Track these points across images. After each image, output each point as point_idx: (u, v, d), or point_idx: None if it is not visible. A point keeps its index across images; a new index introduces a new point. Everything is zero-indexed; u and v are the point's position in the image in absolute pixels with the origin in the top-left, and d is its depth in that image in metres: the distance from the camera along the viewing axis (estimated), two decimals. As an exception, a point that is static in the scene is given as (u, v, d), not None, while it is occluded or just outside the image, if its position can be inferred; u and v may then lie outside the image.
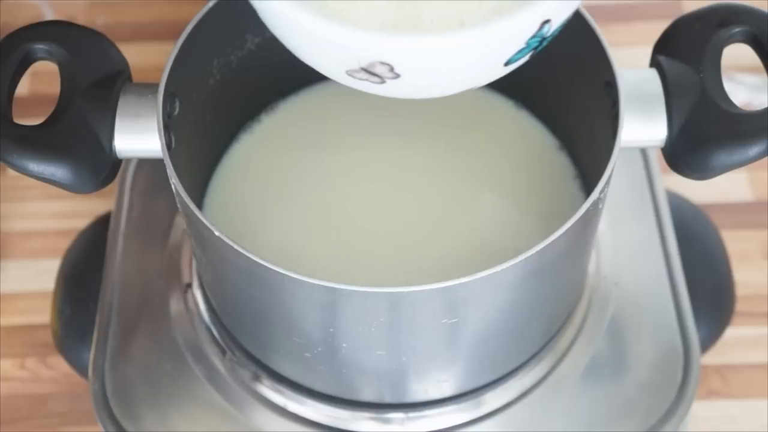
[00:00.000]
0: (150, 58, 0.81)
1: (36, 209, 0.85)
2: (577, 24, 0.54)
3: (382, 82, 0.43)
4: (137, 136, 0.52)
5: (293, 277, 0.47)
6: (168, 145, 0.52)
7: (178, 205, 0.54)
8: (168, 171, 0.51)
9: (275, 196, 0.61)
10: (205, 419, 0.61)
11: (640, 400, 0.61)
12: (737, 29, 0.53)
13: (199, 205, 0.61)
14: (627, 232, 0.67)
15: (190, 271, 0.65)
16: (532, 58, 0.45)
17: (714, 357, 0.74)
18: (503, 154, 0.63)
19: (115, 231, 0.68)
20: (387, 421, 0.59)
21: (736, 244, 0.79)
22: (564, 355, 0.62)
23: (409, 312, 0.49)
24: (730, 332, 0.73)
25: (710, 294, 0.69)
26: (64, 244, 0.73)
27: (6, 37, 0.53)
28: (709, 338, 0.69)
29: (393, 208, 0.61)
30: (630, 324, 0.64)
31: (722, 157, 0.51)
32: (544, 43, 0.44)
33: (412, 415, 0.59)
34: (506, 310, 0.52)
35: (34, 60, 0.53)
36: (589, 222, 0.52)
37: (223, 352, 0.62)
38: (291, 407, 0.60)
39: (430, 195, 0.61)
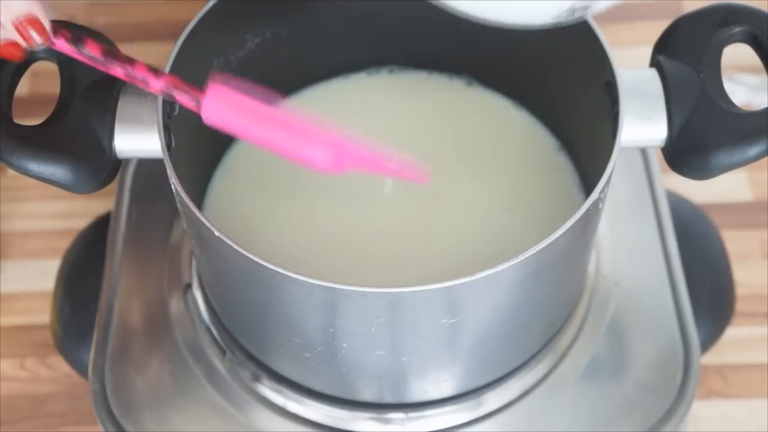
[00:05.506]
0: (150, 58, 0.80)
1: (36, 209, 0.85)
2: (577, 24, 0.54)
3: None
4: (137, 136, 0.52)
5: (293, 277, 0.47)
6: (168, 145, 0.52)
7: (178, 205, 0.54)
8: (168, 171, 0.51)
9: (275, 196, 0.61)
10: (205, 419, 0.61)
11: (640, 400, 0.61)
12: (737, 29, 0.53)
13: (199, 205, 0.61)
14: (627, 232, 0.67)
15: (190, 271, 0.65)
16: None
17: (714, 357, 0.74)
18: (503, 154, 0.63)
19: (115, 231, 0.68)
20: (387, 421, 0.59)
21: (736, 244, 0.79)
22: (564, 355, 0.62)
23: (409, 312, 0.49)
24: (730, 332, 0.73)
25: (710, 294, 0.69)
26: (64, 244, 0.73)
27: (6, 37, 0.53)
28: (709, 338, 0.69)
29: (393, 208, 0.61)
30: (630, 324, 0.63)
31: (722, 157, 0.51)
32: None
33: (412, 415, 0.59)
34: (506, 310, 0.52)
35: (34, 60, 0.53)
36: (589, 222, 0.52)
37: (223, 352, 0.62)
38: (291, 407, 0.60)
39: (430, 194, 0.61)
